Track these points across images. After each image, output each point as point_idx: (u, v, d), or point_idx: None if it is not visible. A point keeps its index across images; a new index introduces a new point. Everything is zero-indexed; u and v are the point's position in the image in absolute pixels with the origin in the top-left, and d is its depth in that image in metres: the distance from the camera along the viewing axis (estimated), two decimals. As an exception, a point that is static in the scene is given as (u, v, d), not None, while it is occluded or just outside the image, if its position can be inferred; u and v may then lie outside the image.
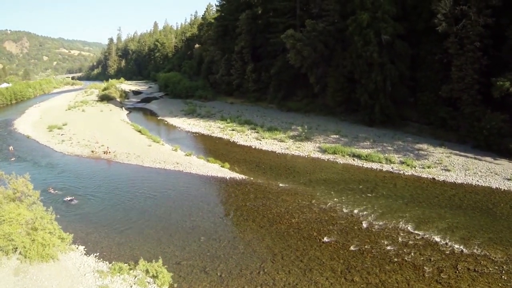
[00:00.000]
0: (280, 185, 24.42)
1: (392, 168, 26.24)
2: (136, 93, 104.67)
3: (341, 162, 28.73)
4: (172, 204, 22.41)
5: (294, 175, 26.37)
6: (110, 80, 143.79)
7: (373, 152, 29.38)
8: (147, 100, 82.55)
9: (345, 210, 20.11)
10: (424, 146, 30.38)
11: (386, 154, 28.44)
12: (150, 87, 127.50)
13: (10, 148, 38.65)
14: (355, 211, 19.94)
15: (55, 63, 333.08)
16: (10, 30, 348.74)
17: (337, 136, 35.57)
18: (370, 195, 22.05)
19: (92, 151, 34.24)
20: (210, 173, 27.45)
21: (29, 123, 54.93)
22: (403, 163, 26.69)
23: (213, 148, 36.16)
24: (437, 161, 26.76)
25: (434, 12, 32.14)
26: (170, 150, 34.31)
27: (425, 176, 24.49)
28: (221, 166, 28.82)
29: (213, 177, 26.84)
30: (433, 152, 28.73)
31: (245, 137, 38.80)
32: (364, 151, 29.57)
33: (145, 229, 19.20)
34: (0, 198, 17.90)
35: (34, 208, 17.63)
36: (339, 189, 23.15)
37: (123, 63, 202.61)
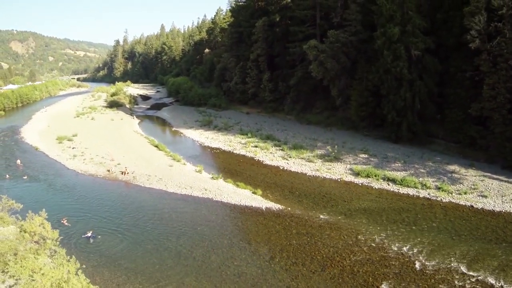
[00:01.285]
0: (321, 217, 22.45)
1: (429, 194, 24.77)
2: (145, 98, 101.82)
3: (376, 187, 26.70)
4: (209, 244, 19.49)
5: (332, 204, 24.32)
6: (116, 83, 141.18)
7: (406, 175, 27.85)
8: (157, 106, 79.58)
9: (394, 248, 18.67)
10: (455, 167, 28.90)
11: (420, 178, 26.94)
12: (158, 91, 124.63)
13: (18, 162, 35.70)
14: (404, 248, 18.60)
15: (60, 63, 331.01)
16: (16, 30, 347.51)
17: (366, 155, 33.40)
18: (414, 227, 20.75)
19: (108, 171, 31.17)
20: (244, 202, 24.57)
21: (36, 132, 51.96)
22: (439, 188, 25.38)
23: (238, 168, 33.05)
24: (472, 186, 25.49)
25: (467, 27, 30.59)
26: (193, 171, 31.21)
27: (463, 204, 23.29)
28: (253, 193, 26.10)
29: (247, 207, 24.01)
30: (465, 175, 27.36)
31: (271, 156, 35.84)
32: (398, 175, 27.88)
33: (185, 279, 16.28)
34: (16, 245, 14.94)
35: (56, 258, 14.67)
36: (381, 221, 21.60)
37: (129, 65, 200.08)
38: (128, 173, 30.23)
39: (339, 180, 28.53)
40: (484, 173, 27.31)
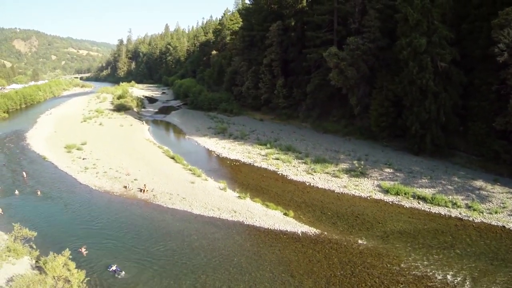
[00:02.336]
0: (359, 242, 21.29)
1: (460, 213, 24.19)
2: (151, 100, 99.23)
3: (407, 206, 25.63)
4: (250, 278, 17.51)
5: (367, 226, 23.15)
6: (121, 83, 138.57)
7: (435, 192, 27.16)
8: (165, 110, 77.08)
9: (438, 277, 17.92)
10: (481, 183, 28.29)
11: (450, 196, 26.32)
12: (163, 92, 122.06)
13: (23, 175, 33.12)
14: (449, 277, 17.91)
15: (63, 62, 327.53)
16: (19, 29, 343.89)
17: (391, 170, 32.17)
18: (452, 252, 20.17)
19: (125, 187, 28.66)
20: (278, 226, 22.63)
21: (43, 138, 49.40)
22: (470, 207, 24.89)
23: (263, 184, 30.71)
24: (501, 204, 25.01)
25: (494, 40, 29.55)
26: (217, 188, 28.80)
27: (495, 224, 22.79)
28: (285, 214, 24.29)
29: (282, 232, 22.12)
30: (492, 192, 26.82)
31: (294, 170, 33.66)
32: (427, 192, 27.07)
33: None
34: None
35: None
36: (419, 246, 20.84)
37: (133, 65, 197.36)
38: (147, 190, 27.74)
39: (368, 198, 27.12)
40: (510, 189, 26.79)
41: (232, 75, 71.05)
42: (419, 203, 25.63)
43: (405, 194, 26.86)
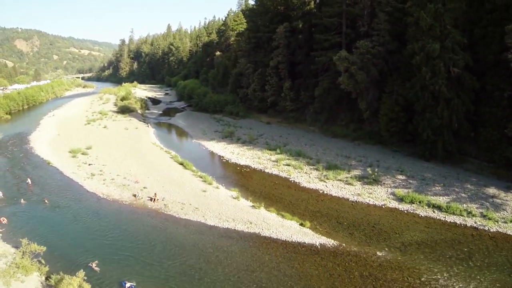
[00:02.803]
0: (378, 254, 20.74)
1: (475, 223, 23.84)
2: (155, 101, 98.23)
3: (422, 215, 25.22)
4: None
5: (384, 237, 22.66)
6: (123, 83, 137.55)
7: (449, 200, 26.82)
8: (169, 112, 76.07)
9: None
10: (494, 191, 27.83)
11: (464, 204, 25.93)
12: (166, 93, 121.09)
13: (28, 182, 32.07)
14: None
15: (65, 62, 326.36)
16: (20, 28, 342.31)
17: (404, 177, 31.59)
18: (471, 263, 19.82)
19: (134, 196, 27.65)
20: (295, 238, 21.89)
21: (46, 142, 48.37)
22: (485, 216, 24.59)
23: (276, 192, 29.80)
24: None
25: (507, 45, 29.01)
26: (230, 197, 27.83)
27: (511, 233, 22.48)
28: (301, 225, 23.61)
29: (300, 244, 21.40)
30: (506, 200, 26.42)
31: (306, 177, 32.80)
32: (441, 200, 26.74)
33: None
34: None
35: None
36: (438, 257, 20.46)
37: (135, 65, 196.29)
38: (158, 199, 26.76)
39: (383, 206, 26.54)
40: (523, 197, 26.24)
41: (238, 77, 70.01)
42: (434, 211, 25.26)
43: (419, 202, 26.46)
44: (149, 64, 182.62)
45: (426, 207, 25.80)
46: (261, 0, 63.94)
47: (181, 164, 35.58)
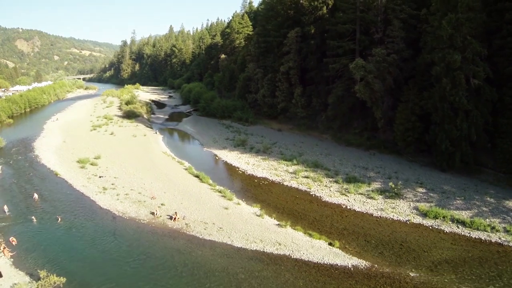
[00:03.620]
0: (411, 275, 20.06)
1: (499, 238, 23.56)
2: (159, 105, 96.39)
3: (447, 231, 24.87)
4: None
5: (413, 256, 22.12)
6: (125, 86, 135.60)
7: (472, 215, 26.58)
8: (176, 117, 74.30)
9: None
10: None
11: (487, 219, 25.68)
12: (170, 96, 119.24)
13: (35, 197, 29.97)
14: None
15: (66, 62, 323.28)
16: (21, 29, 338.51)
17: (424, 190, 31.05)
18: (501, 283, 19.37)
19: (153, 213, 25.90)
20: (327, 260, 20.86)
21: (52, 150, 46.43)
22: (508, 231, 24.33)
23: (298, 208, 28.36)
24: None
25: None
26: (253, 214, 26.33)
27: None
28: (330, 244, 22.71)
29: (333, 267, 20.41)
30: None
31: (327, 190, 31.48)
32: (464, 215, 26.46)
33: None
34: None
35: None
36: (468, 276, 20.05)
37: (137, 67, 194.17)
38: (178, 218, 25.02)
39: (407, 222, 25.95)
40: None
41: (246, 82, 68.30)
42: (458, 227, 24.96)
43: (443, 217, 26.10)
44: (151, 65, 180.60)
45: (450, 222, 25.44)
46: (270, 3, 62.30)
47: (197, 176, 33.85)
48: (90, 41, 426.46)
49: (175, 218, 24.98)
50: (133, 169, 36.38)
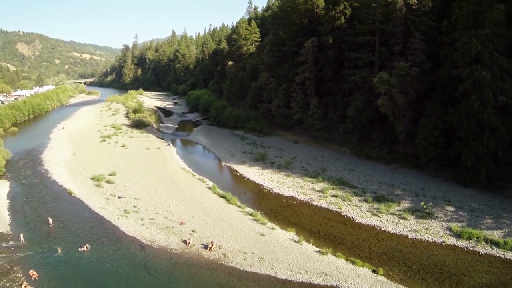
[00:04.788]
0: None
1: None
2: (166, 112, 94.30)
3: (482, 253, 24.30)
4: None
5: (455, 280, 21.52)
6: (129, 91, 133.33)
7: (503, 234, 26.10)
8: (185, 126, 72.31)
9: None
10: None
11: None
12: (175, 102, 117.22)
13: (49, 221, 27.79)
14: None
15: (66, 66, 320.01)
16: (22, 32, 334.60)
17: (452, 208, 30.44)
18: None
19: (185, 242, 23.98)
20: None
21: (62, 164, 44.17)
22: None
23: (333, 231, 27.13)
24: None
25: None
26: (291, 240, 24.83)
27: None
28: (373, 272, 21.82)
29: None
30: None
31: (358, 211, 30.27)
32: (496, 235, 26.02)
33: None
34: None
35: None
36: None
37: (139, 71, 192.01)
38: (214, 247, 23.08)
39: (442, 244, 25.45)
40: None
41: (258, 91, 66.58)
42: (492, 248, 24.58)
43: (477, 238, 25.76)
44: (154, 70, 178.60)
45: (484, 243, 25.11)
46: (285, 12, 60.73)
47: (223, 197, 31.98)
48: (91, 44, 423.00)
49: (210, 248, 23.19)
50: (154, 188, 34.37)
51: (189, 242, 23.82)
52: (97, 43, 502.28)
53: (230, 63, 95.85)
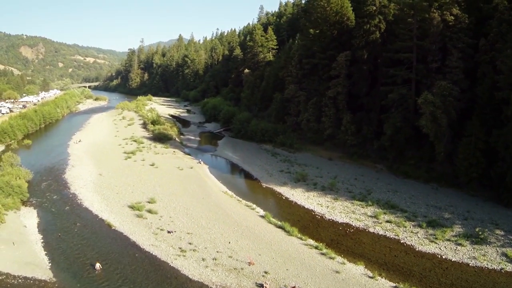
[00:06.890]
0: None
1: None
2: (182, 121, 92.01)
3: None
4: None
5: None
6: (138, 97, 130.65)
7: None
8: (207, 139, 70.14)
9: None
10: None
11: None
12: (188, 110, 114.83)
13: (97, 267, 24.39)
14: None
15: (70, 70, 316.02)
16: (26, 35, 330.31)
17: (502, 232, 30.02)
18: None
19: (261, 286, 22.13)
20: None
21: (90, 185, 40.79)
22: None
23: (399, 261, 26.35)
24: None
25: None
26: (366, 276, 23.75)
27: None
28: None
29: None
30: None
31: (415, 238, 29.45)
32: None
33: None
34: None
35: None
36: None
37: (146, 76, 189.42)
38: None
39: (502, 271, 25.02)
40: None
41: (284, 103, 64.58)
42: None
43: None
44: (162, 76, 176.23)
45: None
46: (314, 23, 58.67)
47: (281, 228, 30.23)
48: (94, 48, 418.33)
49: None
50: (204, 219, 32.00)
51: (266, 287, 21.80)
52: (100, 46, 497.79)
53: (246, 70, 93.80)
